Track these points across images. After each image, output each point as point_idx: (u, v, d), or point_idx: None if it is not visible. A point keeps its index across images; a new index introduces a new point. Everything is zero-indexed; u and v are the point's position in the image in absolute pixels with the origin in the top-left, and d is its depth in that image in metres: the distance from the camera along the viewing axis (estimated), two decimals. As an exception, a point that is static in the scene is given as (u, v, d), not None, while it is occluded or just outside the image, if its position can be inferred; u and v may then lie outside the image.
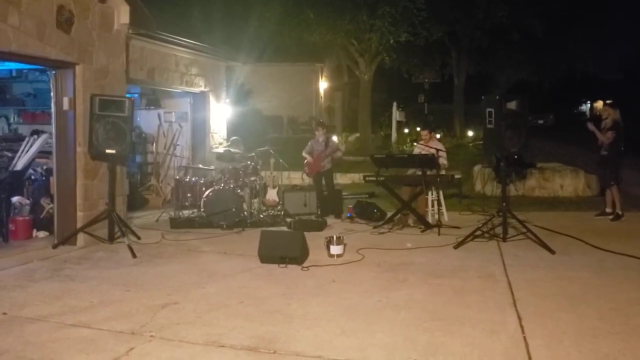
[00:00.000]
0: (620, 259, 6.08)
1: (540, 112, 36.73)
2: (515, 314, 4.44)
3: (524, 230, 6.87)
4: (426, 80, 23.97)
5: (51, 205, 7.30)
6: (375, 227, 8.01)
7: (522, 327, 4.16)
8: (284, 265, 5.86)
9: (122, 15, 7.39)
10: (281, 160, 9.48)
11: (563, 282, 5.28)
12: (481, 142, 8.21)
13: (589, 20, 22.31)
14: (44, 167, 7.84)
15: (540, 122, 36.51)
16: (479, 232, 6.94)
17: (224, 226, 7.98)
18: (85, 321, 4.28)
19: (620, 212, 8.33)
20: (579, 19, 21.64)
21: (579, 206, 9.76)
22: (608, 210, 8.52)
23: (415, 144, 9.19)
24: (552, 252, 6.33)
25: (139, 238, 7.20)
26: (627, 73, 43.33)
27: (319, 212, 8.91)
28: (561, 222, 8.13)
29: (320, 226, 8.03)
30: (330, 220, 8.66)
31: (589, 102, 53.46)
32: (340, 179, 12.60)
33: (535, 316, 4.37)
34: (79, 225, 6.88)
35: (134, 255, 6.32)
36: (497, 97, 6.88)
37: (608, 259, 6.14)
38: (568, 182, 10.88)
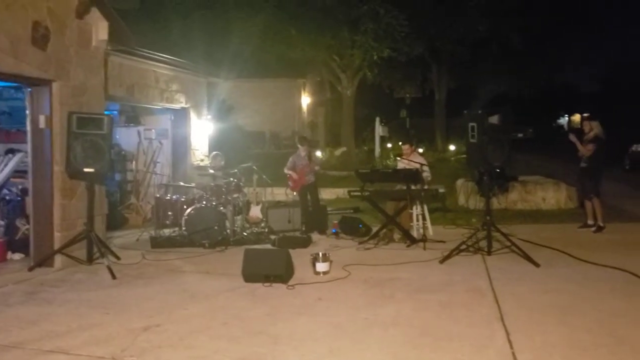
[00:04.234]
0: (603, 271, 6.10)
1: (519, 125, 37.18)
2: (502, 328, 4.41)
3: (509, 243, 6.86)
4: (407, 95, 24.19)
5: (27, 227, 7.11)
6: (360, 243, 7.94)
7: (510, 341, 4.12)
8: (268, 284, 5.74)
9: (101, 32, 7.29)
10: (264, 176, 9.40)
11: (549, 295, 5.26)
12: (463, 156, 8.24)
13: (568, 34, 22.77)
14: (20, 187, 7.66)
15: (520, 135, 36.93)
16: (464, 246, 6.92)
17: (206, 245, 7.83)
18: (64, 347, 4.13)
19: (602, 224, 8.38)
20: (557, 33, 22.07)
21: (561, 218, 9.81)
22: (590, 222, 8.56)
23: (398, 158, 9.19)
24: (536, 265, 6.33)
25: (118, 258, 7.03)
26: (605, 85, 44.23)
27: (304, 229, 8.82)
28: (544, 234, 8.15)
29: (305, 243, 7.93)
30: (315, 236, 8.57)
31: (566, 115, 54.40)
32: (325, 194, 12.53)
33: (523, 330, 4.33)
34: (56, 246, 6.70)
35: (113, 277, 6.16)
36: (480, 112, 6.92)
37: (592, 270, 6.16)
38: (550, 195, 10.95)
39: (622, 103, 37.23)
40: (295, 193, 9.39)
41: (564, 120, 55.90)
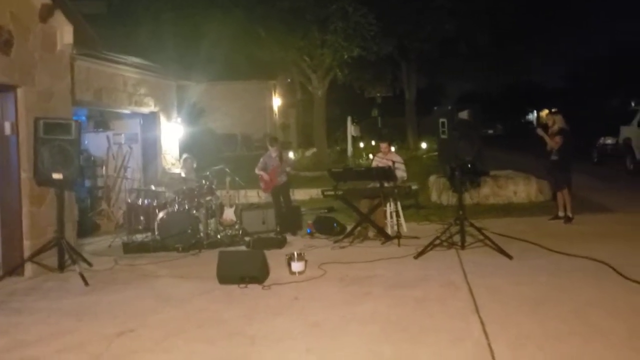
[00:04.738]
0: (575, 261, 6.22)
1: (488, 122, 37.82)
2: (478, 320, 4.45)
3: (482, 237, 6.94)
4: (378, 94, 24.33)
5: (-6, 236, 6.92)
6: (335, 242, 7.95)
7: (485, 333, 4.16)
8: (244, 285, 5.70)
9: (66, 35, 7.14)
10: (237, 179, 9.34)
11: (522, 287, 5.34)
12: (435, 153, 8.32)
13: (534, 34, 23.21)
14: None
15: (490, 132, 37.60)
16: (438, 242, 6.98)
17: (180, 249, 7.74)
18: (36, 355, 4.05)
19: (570, 215, 8.56)
20: (524, 32, 22.47)
21: (532, 211, 9.97)
22: (560, 214, 8.73)
23: (371, 156, 9.23)
24: (509, 257, 6.42)
25: (90, 265, 6.90)
26: (572, 81, 45.22)
27: (278, 229, 8.79)
28: (516, 227, 8.27)
29: (280, 243, 7.91)
30: (290, 236, 8.55)
31: (535, 110, 55.44)
32: (298, 194, 12.52)
33: (498, 321, 4.39)
34: (26, 255, 6.54)
35: (86, 283, 6.05)
36: (450, 108, 7.00)
37: (564, 261, 6.27)
38: (521, 189, 11.13)
39: (588, 98, 38.13)
40: (266, 194, 9.36)
41: (532, 116, 56.94)
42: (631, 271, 5.47)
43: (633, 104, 18.67)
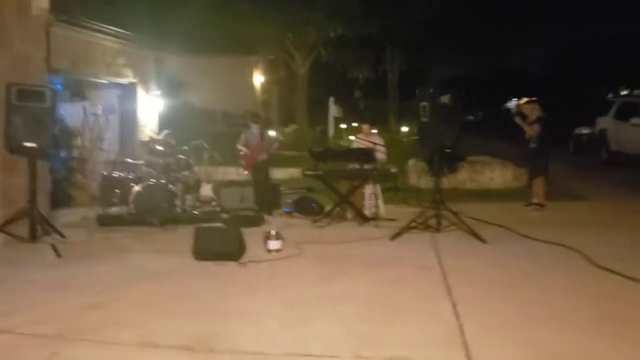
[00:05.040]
0: (547, 247, 6.32)
1: (470, 108, 37.86)
2: (450, 302, 4.51)
3: (457, 221, 7.01)
4: (361, 75, 24.25)
5: (-36, 204, 6.75)
6: (314, 222, 7.95)
7: (457, 314, 4.22)
8: (220, 262, 5.68)
9: (41, 0, 6.93)
10: (215, 154, 9.24)
11: (495, 270, 5.42)
12: (415, 137, 8.34)
13: (518, 20, 23.27)
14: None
15: (471, 118, 37.66)
16: (414, 224, 7.03)
17: (156, 223, 7.67)
18: (6, 326, 3.96)
19: (544, 202, 8.70)
20: (508, 19, 22.51)
21: (507, 197, 10.10)
22: (535, 200, 8.86)
23: (352, 137, 9.22)
24: (483, 241, 6.50)
25: (64, 237, 6.76)
26: (553, 70, 45.49)
27: (257, 208, 8.74)
28: (491, 212, 8.34)
29: (258, 222, 7.88)
30: (267, 216, 8.52)
31: (516, 99, 55.76)
32: (278, 173, 12.47)
33: (470, 303, 4.45)
34: (-4, 224, 6.40)
35: (58, 255, 5.95)
36: (431, 91, 7.00)
37: (536, 246, 6.37)
38: (497, 175, 11.26)
39: (569, 88, 38.45)
40: (246, 173, 9.31)
41: (513, 104, 57.30)
42: (602, 258, 5.57)
43: (610, 96, 18.88)
